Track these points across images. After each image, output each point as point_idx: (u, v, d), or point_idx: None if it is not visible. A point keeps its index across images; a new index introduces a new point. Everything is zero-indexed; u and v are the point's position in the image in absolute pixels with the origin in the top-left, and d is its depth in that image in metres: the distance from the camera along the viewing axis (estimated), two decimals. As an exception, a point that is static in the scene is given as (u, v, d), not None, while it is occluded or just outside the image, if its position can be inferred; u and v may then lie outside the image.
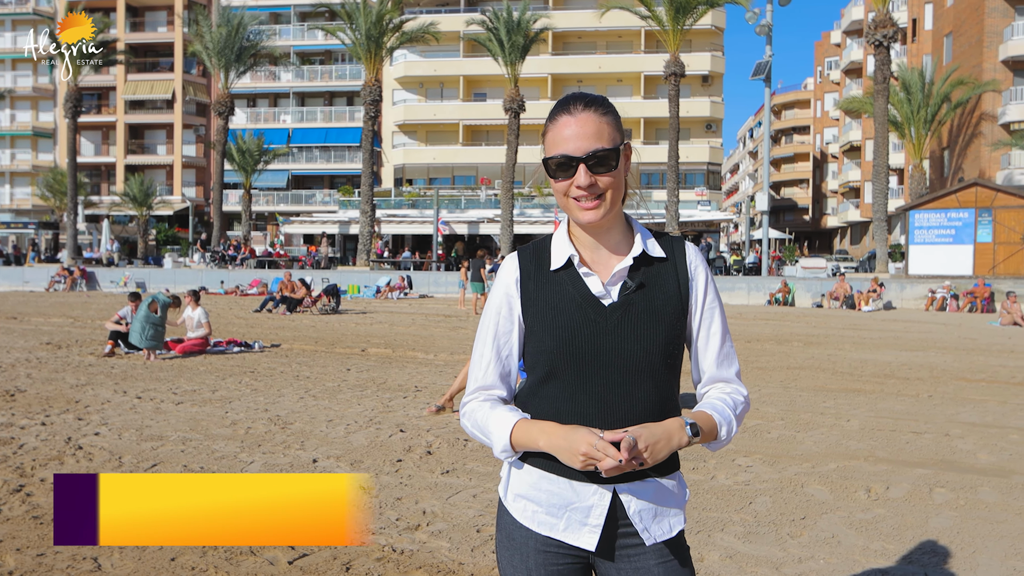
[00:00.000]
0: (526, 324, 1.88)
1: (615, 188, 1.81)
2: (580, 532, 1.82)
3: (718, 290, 1.94)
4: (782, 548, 4.44)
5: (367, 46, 38.91)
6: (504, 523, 1.93)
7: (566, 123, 1.81)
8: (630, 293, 1.83)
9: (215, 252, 40.58)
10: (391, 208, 47.06)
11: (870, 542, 4.54)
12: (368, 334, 16.52)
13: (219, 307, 23.71)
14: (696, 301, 1.89)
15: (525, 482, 1.88)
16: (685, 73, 37.32)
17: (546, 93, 52.55)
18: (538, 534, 1.86)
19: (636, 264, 1.85)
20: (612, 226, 1.88)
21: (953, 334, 18.17)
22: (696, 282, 1.89)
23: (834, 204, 71.00)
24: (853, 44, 62.67)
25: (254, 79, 57.86)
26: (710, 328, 1.91)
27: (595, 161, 1.78)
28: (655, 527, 1.84)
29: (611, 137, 1.81)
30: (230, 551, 4.38)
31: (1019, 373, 11.70)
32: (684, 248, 1.91)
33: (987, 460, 6.43)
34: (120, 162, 59.85)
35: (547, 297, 1.85)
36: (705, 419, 1.82)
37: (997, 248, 29.40)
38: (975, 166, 39.34)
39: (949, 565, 4.24)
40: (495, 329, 1.92)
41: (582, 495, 1.81)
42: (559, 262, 1.87)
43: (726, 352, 1.93)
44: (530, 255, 1.92)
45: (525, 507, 1.88)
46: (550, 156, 1.82)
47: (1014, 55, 38.12)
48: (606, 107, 1.84)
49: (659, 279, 1.86)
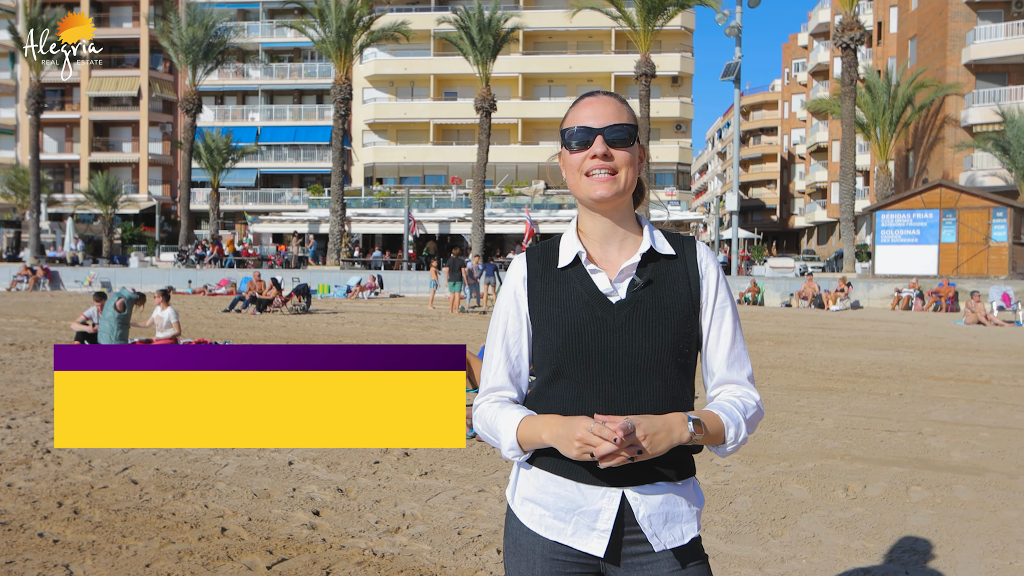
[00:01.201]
0: (533, 323, 1.85)
1: (630, 169, 1.81)
2: (588, 537, 1.77)
3: (731, 290, 1.90)
4: (764, 548, 4.45)
5: (337, 43, 38.61)
6: (511, 528, 1.89)
7: (587, 103, 1.84)
8: (638, 290, 1.79)
9: (183, 252, 40.05)
10: (361, 207, 46.78)
11: (850, 541, 4.57)
12: (340, 334, 16.39)
13: (187, 307, 23.40)
14: (707, 300, 1.84)
15: (532, 485, 1.84)
16: (656, 74, 37.52)
17: (517, 93, 52.55)
18: (545, 540, 1.81)
19: (644, 261, 1.82)
20: (622, 218, 1.86)
21: (920, 333, 18.44)
22: (707, 280, 1.85)
23: (801, 204, 71.79)
24: (820, 46, 63.39)
25: (222, 76, 57.15)
26: (720, 328, 1.85)
27: (613, 134, 1.79)
28: (665, 533, 1.78)
29: (629, 120, 1.83)
30: (207, 556, 4.30)
31: (986, 371, 11.89)
32: (695, 246, 1.88)
33: (960, 458, 6.51)
34: (84, 159, 58.86)
35: (554, 295, 1.82)
36: (711, 418, 1.77)
37: (961, 248, 29.88)
38: (939, 167, 39.96)
39: (929, 563, 4.27)
40: (504, 330, 1.89)
41: (590, 498, 1.77)
42: (566, 259, 1.84)
43: (737, 354, 1.87)
44: (538, 254, 1.90)
45: (532, 511, 1.84)
46: (567, 128, 1.83)
47: (976, 58, 38.75)
48: (625, 101, 1.87)
49: (668, 276, 1.82)
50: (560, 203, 45.19)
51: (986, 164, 38.71)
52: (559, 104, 52.70)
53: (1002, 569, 4.19)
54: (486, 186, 40.31)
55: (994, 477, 5.93)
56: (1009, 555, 4.37)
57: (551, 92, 53.81)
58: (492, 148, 40.77)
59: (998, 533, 4.71)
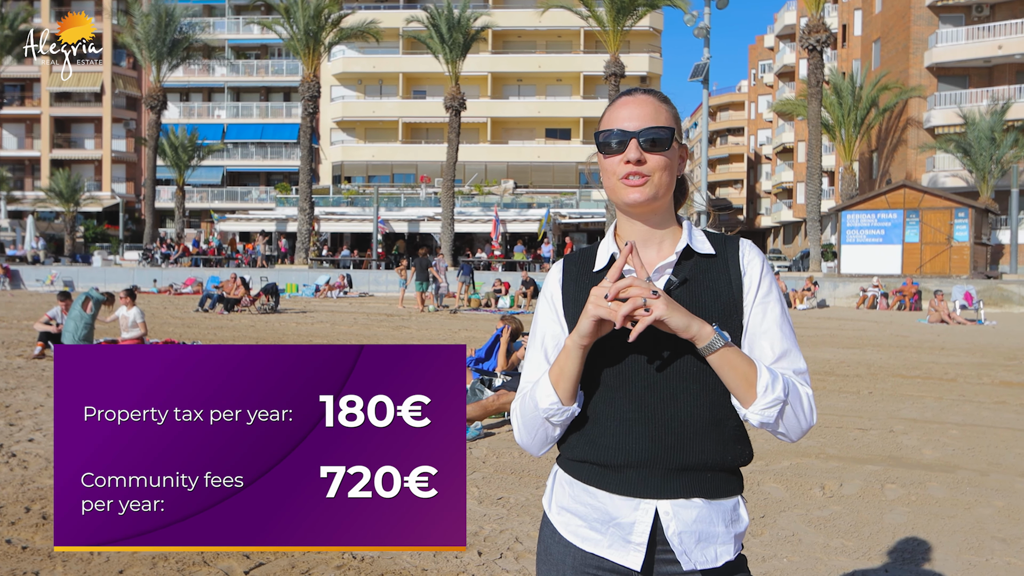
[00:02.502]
0: (568, 326, 1.81)
1: (665, 173, 1.75)
2: (626, 550, 1.71)
3: (777, 285, 1.81)
4: (744, 548, 4.46)
5: (305, 41, 38.28)
6: (544, 536, 1.85)
7: (625, 103, 1.78)
8: (674, 290, 1.74)
9: (148, 251, 39.46)
10: (329, 206, 46.44)
11: (830, 539, 4.60)
12: (310, 333, 16.24)
13: (153, 306, 23.04)
14: (749, 292, 1.75)
15: (567, 494, 1.80)
16: (625, 74, 37.69)
17: (486, 91, 52.49)
18: (577, 551, 1.76)
19: (681, 261, 1.77)
20: (660, 221, 1.81)
21: (885, 331, 18.70)
22: (750, 275, 1.76)
23: (767, 204, 72.55)
24: (786, 48, 64.13)
25: (187, 73, 56.39)
26: (764, 319, 1.74)
27: (648, 138, 1.73)
28: (697, 553, 1.70)
29: (668, 121, 1.77)
30: (182, 562, 4.21)
31: (951, 369, 12.08)
32: (738, 244, 1.81)
33: (932, 456, 6.59)
34: (45, 156, 57.77)
35: (587, 296, 1.77)
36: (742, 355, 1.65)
37: (924, 248, 30.39)
38: (902, 168, 40.60)
39: (908, 561, 4.31)
40: (542, 333, 1.86)
41: (623, 510, 1.71)
42: (602, 262, 1.81)
43: (786, 348, 1.73)
44: (576, 258, 1.88)
45: (568, 520, 1.79)
46: (602, 130, 1.78)
47: (939, 61, 39.43)
48: (666, 100, 1.81)
49: (707, 276, 1.76)
50: (529, 203, 45.21)
51: (948, 165, 39.41)
52: (528, 103, 52.75)
53: (979, 566, 4.23)
54: (455, 185, 40.21)
55: (966, 474, 6.01)
56: (985, 552, 4.43)
57: (520, 91, 53.82)
58: (461, 147, 40.68)
59: (973, 530, 4.77)
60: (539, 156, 52.25)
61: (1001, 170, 35.46)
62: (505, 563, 4.26)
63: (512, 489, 5.58)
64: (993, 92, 38.03)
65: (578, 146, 52.04)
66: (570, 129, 53.36)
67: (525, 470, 6.08)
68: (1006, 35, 37.84)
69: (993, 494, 5.50)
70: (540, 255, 37.10)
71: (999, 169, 35.42)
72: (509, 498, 5.36)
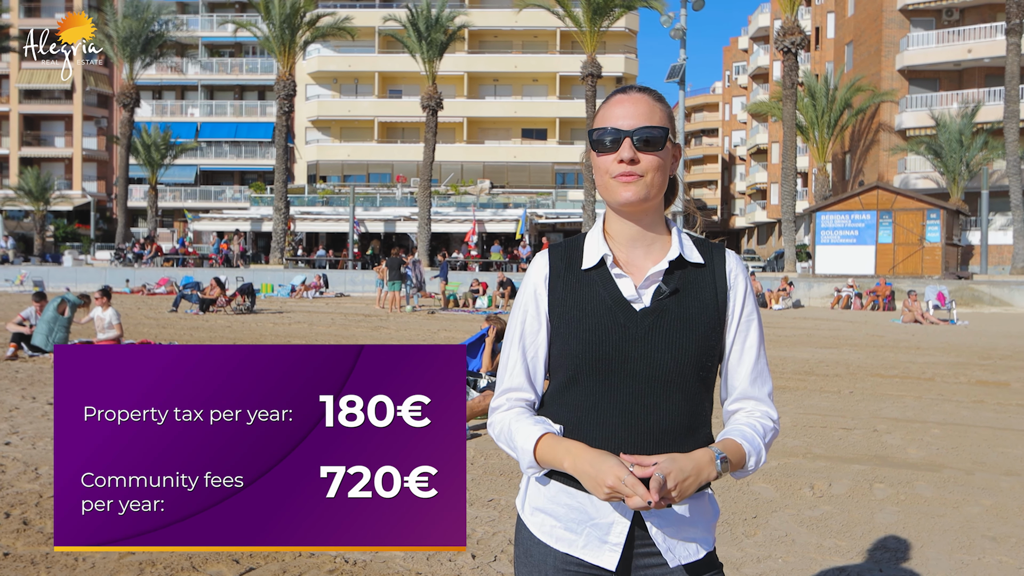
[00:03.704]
0: (552, 325, 1.78)
1: (658, 173, 1.74)
2: (600, 550, 1.72)
3: (756, 301, 1.84)
4: (739, 548, 4.46)
5: (281, 39, 37.99)
6: (522, 538, 1.83)
7: (619, 101, 1.77)
8: (664, 298, 1.73)
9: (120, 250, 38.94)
10: (304, 205, 46.11)
11: (822, 539, 4.60)
12: (288, 334, 16.09)
13: (126, 307, 22.71)
14: (733, 312, 1.78)
15: (543, 495, 1.78)
16: (601, 74, 37.76)
17: (462, 91, 52.40)
18: (557, 552, 1.75)
19: (672, 269, 1.76)
20: (650, 223, 1.79)
21: (861, 331, 18.88)
22: (735, 292, 1.79)
23: (742, 205, 73.09)
24: (760, 50, 64.63)
25: (160, 70, 55.75)
26: (745, 342, 1.79)
27: (642, 137, 1.71)
28: (680, 548, 1.73)
29: (662, 121, 1.75)
30: (170, 567, 4.13)
31: (928, 369, 12.20)
32: (724, 255, 1.82)
33: (917, 455, 6.64)
34: (14, 154, 56.85)
35: (576, 298, 1.75)
36: (735, 450, 1.71)
37: (897, 249, 30.74)
38: (874, 170, 41.06)
39: (901, 560, 4.33)
40: (521, 329, 1.82)
41: (602, 511, 1.71)
42: (591, 261, 1.78)
43: (760, 370, 1.81)
44: (562, 252, 1.83)
45: (543, 521, 1.78)
46: (596, 128, 1.77)
47: (910, 64, 39.91)
48: (661, 98, 1.78)
49: (695, 286, 1.76)
50: (506, 203, 45.18)
51: (919, 167, 39.90)
52: (505, 103, 52.72)
53: (971, 565, 4.26)
54: (432, 185, 40.08)
55: (952, 473, 6.06)
56: (976, 551, 4.45)
57: (496, 91, 53.78)
58: (438, 147, 40.57)
59: (963, 529, 4.80)
60: (515, 156, 52.25)
61: (971, 172, 35.98)
62: (500, 566, 4.22)
63: (503, 491, 5.54)
64: (963, 95, 38.57)
65: (554, 146, 52.10)
66: (546, 129, 53.40)
67: (514, 471, 6.04)
68: (975, 39, 38.38)
69: (980, 493, 5.55)
70: (518, 255, 37.09)
71: (969, 171, 35.93)
72: (500, 500, 5.33)
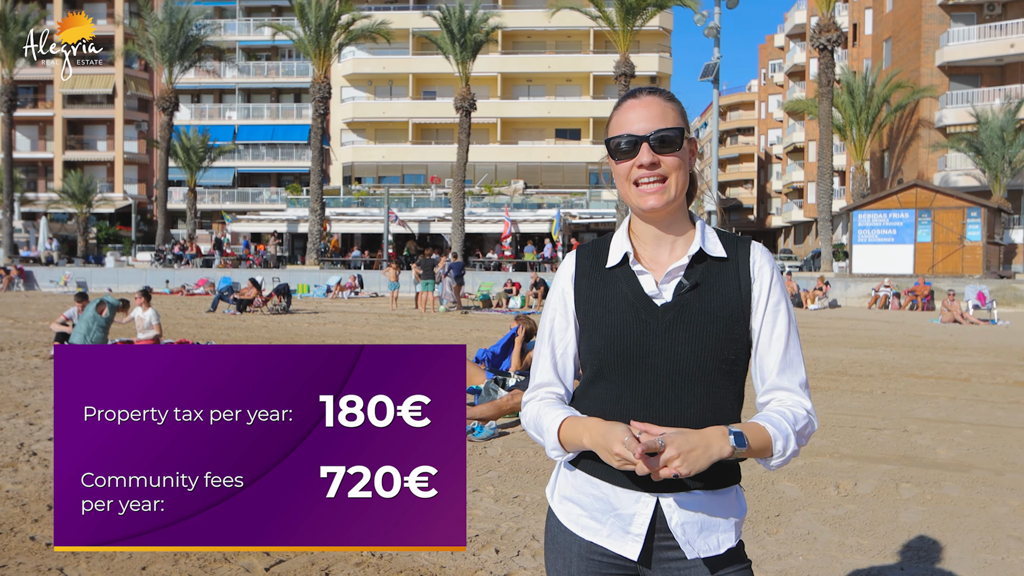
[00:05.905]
0: (579, 322, 1.83)
1: (679, 173, 1.76)
2: (624, 540, 1.76)
3: (786, 291, 1.82)
4: (760, 546, 4.49)
5: (316, 42, 38.41)
6: (550, 525, 1.90)
7: (631, 106, 1.78)
8: (685, 293, 1.75)
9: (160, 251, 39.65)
10: (340, 207, 46.57)
11: (845, 538, 4.61)
12: (322, 334, 16.31)
13: (166, 307, 23.16)
14: (758, 302, 1.77)
15: (570, 484, 1.84)
16: (635, 74, 37.66)
17: (495, 92, 52.52)
18: (582, 539, 1.81)
19: (693, 263, 1.78)
20: (674, 221, 1.82)
21: (898, 331, 18.64)
22: (760, 282, 1.78)
23: (778, 204, 72.34)
24: (796, 47, 63.91)
25: (199, 74, 56.66)
26: (773, 331, 1.78)
27: (659, 140, 1.73)
28: (700, 542, 1.74)
29: (676, 121, 1.77)
30: (204, 558, 4.26)
31: (964, 369, 12.04)
32: (748, 248, 1.81)
33: (947, 455, 6.60)
34: (58, 158, 58.13)
35: (600, 295, 1.80)
36: (756, 431, 1.68)
37: (936, 248, 30.27)
38: (913, 168, 40.42)
39: (924, 559, 4.33)
40: (551, 327, 1.88)
41: (624, 502, 1.75)
42: (615, 259, 1.82)
43: (790, 359, 1.78)
44: (588, 252, 1.88)
45: (569, 510, 1.84)
46: (612, 136, 1.78)
47: (950, 60, 39.23)
48: (672, 97, 1.81)
49: (718, 280, 1.77)
50: (539, 203, 45.22)
51: (960, 164, 39.21)
52: (538, 103, 52.75)
53: (995, 564, 4.25)
54: (466, 185, 40.27)
55: (981, 474, 6.02)
56: (1001, 551, 4.44)
57: (530, 92, 53.83)
58: (472, 147, 40.74)
59: (988, 529, 4.78)
60: (549, 156, 52.26)
61: (1014, 169, 35.28)
62: (523, 560, 4.30)
63: (528, 488, 5.61)
64: (1006, 91, 37.81)
65: (588, 146, 52.00)
66: (580, 129, 53.33)
67: (540, 468, 6.12)
68: (1018, 33, 37.60)
69: (1008, 493, 5.51)
70: (555, 255, 37.09)
71: (1012, 168, 35.23)
72: (525, 496, 5.40)
